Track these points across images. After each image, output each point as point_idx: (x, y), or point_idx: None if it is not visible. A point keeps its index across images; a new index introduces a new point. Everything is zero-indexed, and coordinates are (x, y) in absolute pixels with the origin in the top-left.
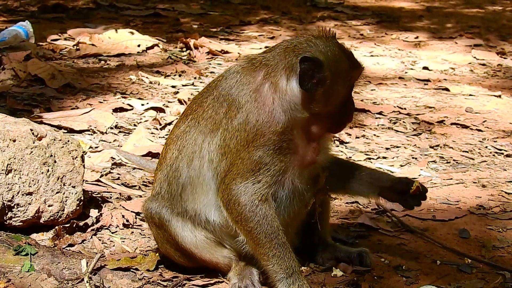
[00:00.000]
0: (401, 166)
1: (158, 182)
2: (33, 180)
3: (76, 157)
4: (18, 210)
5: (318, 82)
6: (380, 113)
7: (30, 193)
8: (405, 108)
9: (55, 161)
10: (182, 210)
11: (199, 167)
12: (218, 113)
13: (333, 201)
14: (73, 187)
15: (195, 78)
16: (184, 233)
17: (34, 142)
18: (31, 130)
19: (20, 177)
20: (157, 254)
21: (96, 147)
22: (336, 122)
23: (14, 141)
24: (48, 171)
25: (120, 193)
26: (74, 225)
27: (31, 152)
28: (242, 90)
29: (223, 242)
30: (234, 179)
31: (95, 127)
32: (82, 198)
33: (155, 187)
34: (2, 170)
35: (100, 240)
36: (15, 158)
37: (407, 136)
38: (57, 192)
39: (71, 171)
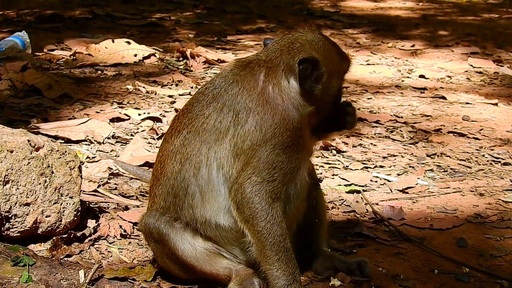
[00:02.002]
0: (398, 175)
1: (161, 197)
2: (30, 191)
3: (74, 167)
4: (16, 221)
5: (316, 79)
6: (377, 121)
7: (27, 204)
8: (402, 117)
9: (52, 172)
10: (190, 219)
11: (207, 175)
12: (222, 122)
13: (331, 210)
14: (71, 197)
15: (192, 87)
16: (184, 246)
17: (31, 153)
18: (28, 141)
19: (17, 188)
20: (155, 265)
21: (93, 157)
22: (331, 110)
23: (11, 152)
24: (45, 181)
25: (117, 203)
26: (71, 236)
27: (28, 163)
28: (248, 97)
29: (223, 252)
30: (249, 178)
31: (92, 137)
32: (79, 208)
33: (157, 202)
34: (0, 181)
35: (97, 250)
36: (12, 169)
37: (404, 145)
38: (54, 203)
39: (69, 181)
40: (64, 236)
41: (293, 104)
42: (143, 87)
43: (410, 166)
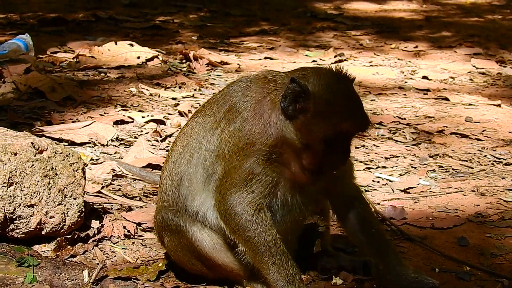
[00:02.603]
0: (400, 175)
1: (164, 181)
2: (34, 193)
3: (77, 169)
4: (20, 222)
5: (300, 109)
6: (380, 123)
7: (31, 205)
8: (404, 118)
9: (56, 174)
10: (182, 206)
11: (196, 164)
12: (220, 111)
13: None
14: (74, 199)
15: (195, 89)
16: (203, 237)
17: (35, 155)
18: (32, 143)
19: (21, 190)
20: (159, 265)
21: (97, 159)
22: (323, 162)
23: (16, 154)
24: (49, 183)
25: (121, 204)
26: (75, 236)
27: (32, 165)
28: (246, 97)
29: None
30: (228, 189)
31: (96, 140)
32: (83, 209)
33: (162, 188)
34: (4, 183)
35: (101, 250)
36: (16, 171)
37: (407, 146)
38: (58, 204)
39: (72, 183)
40: (68, 236)
41: (277, 124)
42: (147, 89)
43: (412, 167)
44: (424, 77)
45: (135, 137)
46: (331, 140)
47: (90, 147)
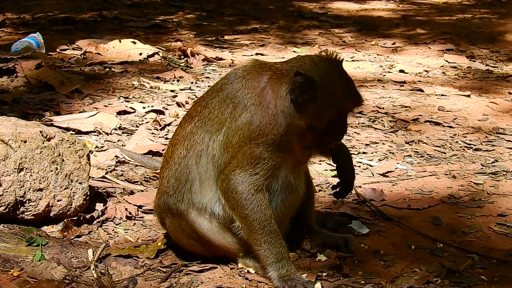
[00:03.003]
0: (379, 160)
1: (167, 179)
2: (43, 178)
3: (82, 156)
4: (30, 205)
5: (309, 99)
6: (360, 112)
7: (40, 189)
8: (383, 108)
9: (63, 160)
10: (189, 203)
11: (206, 164)
12: (224, 113)
13: (317, 193)
14: (80, 183)
15: (192, 82)
16: (200, 221)
17: (43, 143)
18: (41, 131)
19: (31, 175)
20: (158, 244)
21: (102, 147)
22: (325, 139)
23: (25, 142)
24: (56, 169)
25: (123, 188)
26: (81, 218)
27: (41, 152)
28: (247, 94)
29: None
30: (233, 170)
31: (101, 129)
32: (88, 193)
33: (164, 183)
34: (15, 168)
35: (105, 231)
36: (26, 158)
37: (385, 133)
38: (65, 188)
39: (78, 168)
40: (74, 218)
41: (284, 112)
42: (147, 82)
43: (390, 152)
44: (401, 71)
45: (137, 126)
46: (335, 119)
47: (95, 135)
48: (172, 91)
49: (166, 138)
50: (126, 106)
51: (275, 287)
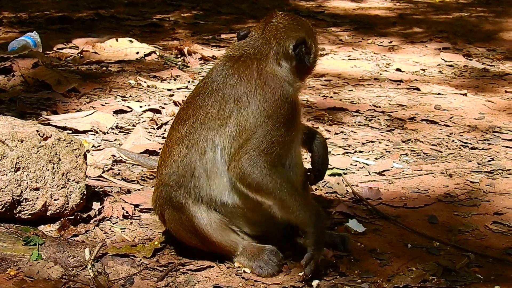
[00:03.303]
0: (376, 159)
1: (168, 175)
2: (39, 177)
3: (79, 155)
4: (27, 204)
5: (307, 53)
6: (357, 111)
7: (37, 189)
8: (379, 107)
9: (59, 159)
10: (196, 197)
11: (212, 158)
12: (225, 109)
13: (314, 192)
14: (77, 182)
15: (188, 81)
16: (201, 215)
17: (40, 142)
18: (37, 131)
19: (27, 174)
20: (155, 243)
21: (99, 146)
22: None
23: (22, 141)
24: (53, 168)
25: (120, 187)
26: (78, 217)
27: (38, 151)
28: (247, 84)
29: (231, 226)
30: (247, 152)
31: (98, 128)
32: (85, 192)
33: (164, 179)
34: (11, 168)
35: (102, 230)
36: (23, 157)
37: (381, 132)
38: (62, 187)
39: (75, 168)
40: (71, 217)
41: (287, 82)
42: (144, 81)
43: (386, 151)
44: (398, 70)
45: (133, 125)
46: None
47: (92, 134)
48: (169, 90)
49: (163, 137)
50: (123, 105)
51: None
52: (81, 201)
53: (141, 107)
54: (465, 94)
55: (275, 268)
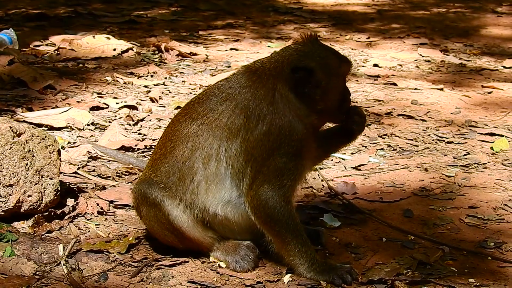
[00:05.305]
0: (352, 153)
1: (166, 175)
2: (13, 173)
3: (53, 151)
4: (0, 201)
5: (314, 85)
6: None
7: (10, 185)
8: (357, 102)
9: (33, 156)
10: (191, 203)
11: (215, 169)
12: (234, 123)
13: None
14: (51, 178)
15: (165, 78)
16: (177, 213)
17: (13, 138)
18: (11, 127)
19: (1, 171)
20: (130, 239)
21: (74, 143)
22: (338, 111)
23: None
24: (27, 164)
25: (95, 184)
26: (52, 214)
27: (11, 147)
28: (260, 104)
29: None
30: (261, 185)
31: (73, 124)
32: (59, 188)
33: (159, 176)
34: None
35: (76, 226)
36: None
37: None
38: (35, 184)
39: (49, 164)
40: (45, 214)
41: (298, 116)
42: (121, 78)
43: (363, 146)
44: (375, 65)
45: (109, 122)
46: (343, 87)
47: (67, 131)
48: (145, 86)
49: (139, 134)
50: (99, 102)
51: (322, 281)
52: (55, 197)
53: (117, 103)
54: (441, 89)
55: (250, 264)
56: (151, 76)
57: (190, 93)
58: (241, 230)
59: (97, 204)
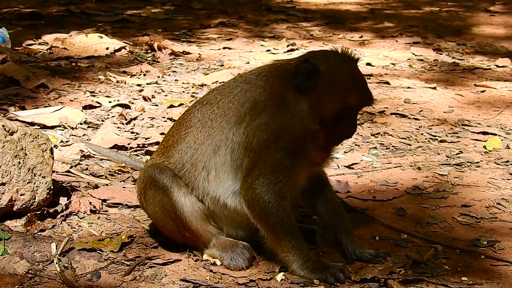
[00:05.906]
0: (345, 152)
1: (180, 162)
2: (5, 172)
3: (46, 150)
4: None
5: (312, 85)
6: None
7: (3, 184)
8: None
9: (26, 154)
10: (202, 191)
11: (224, 155)
12: (243, 106)
13: None
14: (43, 177)
15: (158, 77)
16: (185, 202)
17: (6, 137)
18: (3, 126)
19: None
20: (122, 237)
21: (67, 141)
22: (330, 133)
23: None
24: (19, 163)
25: (88, 182)
26: (45, 212)
27: (3, 146)
28: (268, 94)
29: (212, 222)
30: (257, 178)
31: (66, 123)
32: (52, 187)
33: (172, 163)
34: None
35: (69, 225)
36: None
37: None
38: (28, 182)
39: (41, 162)
40: (38, 212)
41: (300, 116)
42: (114, 77)
43: (356, 145)
44: (368, 64)
45: (102, 121)
46: (340, 114)
47: (60, 130)
48: (138, 85)
49: (132, 132)
50: (92, 101)
51: (315, 279)
52: (48, 196)
53: (110, 102)
54: (434, 88)
55: (245, 262)
56: (144, 75)
57: (183, 92)
58: (249, 224)
59: (90, 203)
